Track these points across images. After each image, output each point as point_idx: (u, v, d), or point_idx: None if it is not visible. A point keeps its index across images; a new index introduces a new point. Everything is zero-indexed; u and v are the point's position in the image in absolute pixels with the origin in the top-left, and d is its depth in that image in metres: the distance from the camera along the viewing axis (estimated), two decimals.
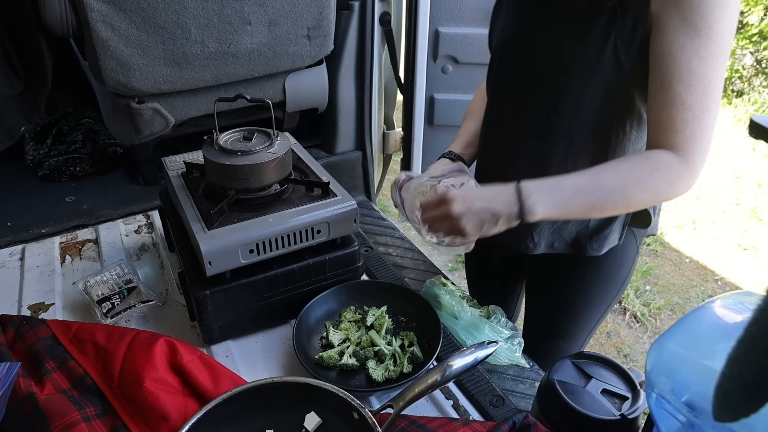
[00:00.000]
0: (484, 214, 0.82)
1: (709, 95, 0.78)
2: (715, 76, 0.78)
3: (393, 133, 2.09)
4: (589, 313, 1.12)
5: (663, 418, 0.65)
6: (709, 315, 0.67)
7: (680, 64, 0.77)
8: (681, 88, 0.78)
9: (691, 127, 0.79)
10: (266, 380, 0.81)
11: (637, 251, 1.08)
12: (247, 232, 0.97)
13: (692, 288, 2.90)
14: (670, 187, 0.82)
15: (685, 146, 0.80)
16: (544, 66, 0.92)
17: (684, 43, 0.77)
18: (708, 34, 0.75)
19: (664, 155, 0.81)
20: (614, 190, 0.82)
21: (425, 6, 1.74)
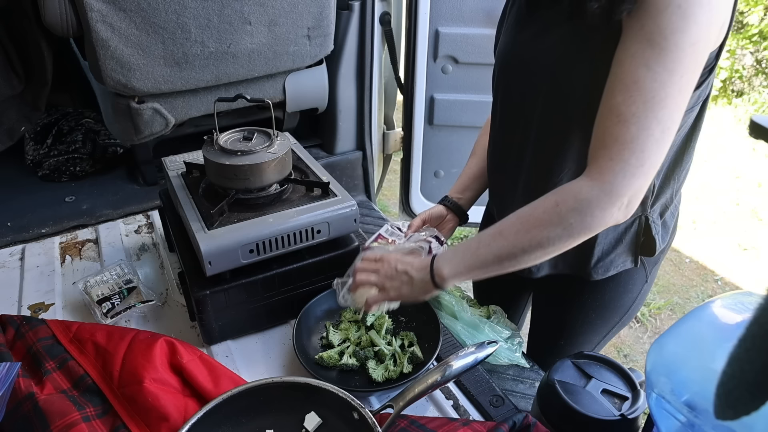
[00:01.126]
0: (402, 276, 0.88)
1: (650, 112, 0.69)
2: (663, 92, 0.68)
3: (393, 133, 2.09)
4: (586, 337, 1.10)
5: (663, 418, 0.65)
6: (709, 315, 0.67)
7: (626, 73, 0.70)
8: (620, 99, 0.71)
9: (619, 144, 0.71)
10: (266, 380, 0.81)
11: (647, 280, 1.03)
12: (247, 232, 0.97)
13: (692, 288, 2.90)
14: (582, 219, 0.74)
15: (605, 167, 0.72)
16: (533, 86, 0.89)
17: (635, 52, 0.69)
18: (663, 45, 0.67)
19: (575, 185, 0.75)
20: (517, 234, 0.77)
21: (425, 6, 1.74)
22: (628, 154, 0.71)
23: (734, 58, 4.82)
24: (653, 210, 0.94)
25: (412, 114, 1.91)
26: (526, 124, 0.93)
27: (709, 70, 0.79)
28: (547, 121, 0.90)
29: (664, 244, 1.00)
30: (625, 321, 1.11)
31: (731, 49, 4.79)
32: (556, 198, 0.76)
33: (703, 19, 0.67)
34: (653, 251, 0.96)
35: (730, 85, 4.88)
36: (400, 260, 0.90)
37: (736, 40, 4.79)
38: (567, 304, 1.09)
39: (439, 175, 1.99)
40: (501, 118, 1.01)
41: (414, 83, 1.86)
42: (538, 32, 0.86)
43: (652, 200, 0.92)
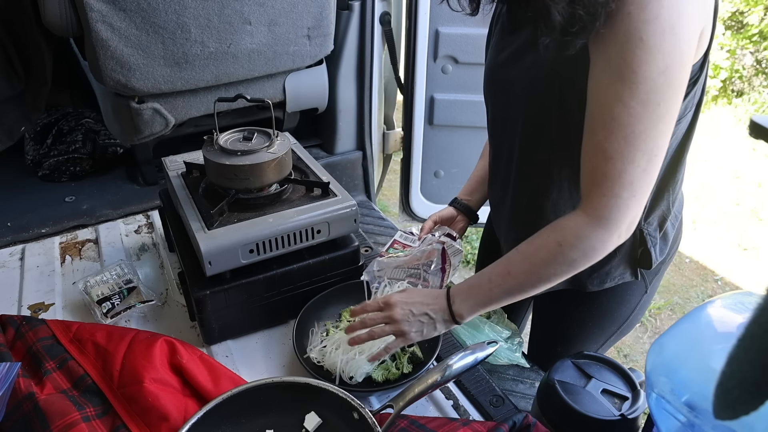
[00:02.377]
0: (422, 318, 0.87)
1: (632, 145, 0.70)
2: (641, 125, 0.69)
3: (393, 133, 2.09)
4: (584, 344, 1.10)
5: (663, 418, 0.65)
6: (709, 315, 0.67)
7: (602, 110, 0.71)
8: (602, 136, 0.72)
9: (609, 181, 0.72)
10: (266, 380, 0.81)
11: (646, 291, 1.02)
12: (247, 232, 0.97)
13: (692, 288, 2.90)
14: (584, 254, 0.77)
15: (599, 203, 0.74)
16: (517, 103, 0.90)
17: (607, 87, 0.70)
18: (632, 79, 0.67)
19: (574, 221, 0.77)
20: (525, 274, 0.81)
21: (425, 6, 1.74)
22: (619, 189, 0.73)
23: (734, 58, 4.82)
24: (648, 223, 0.93)
25: (412, 114, 1.91)
26: (510, 142, 0.95)
27: (695, 81, 0.78)
28: (528, 140, 0.91)
29: (663, 256, 0.98)
30: (624, 331, 1.10)
31: (731, 49, 4.79)
32: (557, 238, 0.78)
33: (667, 47, 0.67)
34: (650, 264, 0.96)
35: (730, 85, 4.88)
36: (411, 303, 0.88)
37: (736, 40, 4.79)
38: (564, 314, 1.09)
39: (439, 175, 1.99)
40: (490, 133, 1.04)
41: (414, 83, 1.86)
42: (515, 53, 0.88)
43: (645, 213, 0.92)
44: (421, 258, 1.10)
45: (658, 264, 0.98)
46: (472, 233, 3.19)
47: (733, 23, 4.90)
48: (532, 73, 0.83)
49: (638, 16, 0.66)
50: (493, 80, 0.96)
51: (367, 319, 0.90)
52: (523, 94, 0.87)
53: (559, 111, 0.82)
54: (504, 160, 0.99)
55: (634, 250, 0.96)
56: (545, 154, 0.89)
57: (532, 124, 0.89)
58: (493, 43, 0.97)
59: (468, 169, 1.23)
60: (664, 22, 0.66)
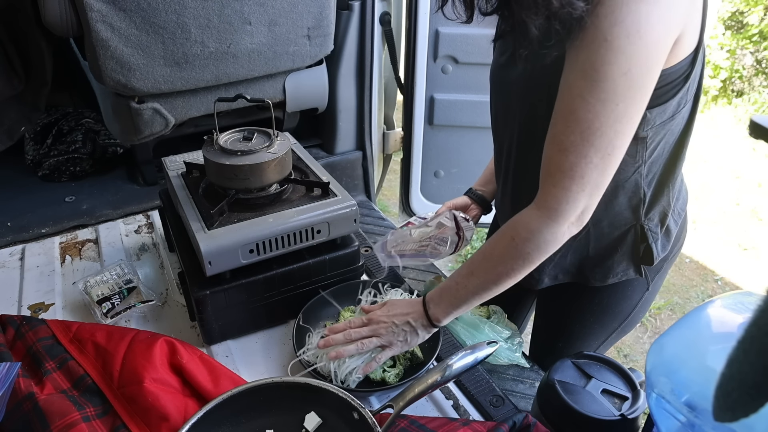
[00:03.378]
0: (405, 327, 0.90)
1: (587, 141, 0.72)
2: (597, 122, 0.71)
3: (393, 133, 2.09)
4: (584, 341, 1.11)
5: (663, 418, 0.65)
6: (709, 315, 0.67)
7: (564, 103, 0.74)
8: (560, 128, 0.75)
9: (560, 173, 0.75)
10: (266, 380, 0.81)
11: (648, 288, 1.03)
12: (247, 232, 0.97)
13: (692, 288, 2.90)
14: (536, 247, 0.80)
15: (549, 195, 0.77)
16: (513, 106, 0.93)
17: (572, 83, 0.73)
18: (593, 77, 0.70)
19: (525, 215, 0.80)
20: (486, 272, 0.84)
21: (425, 6, 1.74)
22: (569, 182, 0.75)
23: (734, 58, 4.82)
24: (649, 218, 0.93)
25: (412, 114, 1.91)
26: (509, 141, 0.97)
27: (686, 76, 0.79)
28: (524, 139, 0.93)
29: (665, 252, 0.98)
30: (626, 328, 1.10)
31: (731, 49, 4.79)
32: (511, 233, 0.82)
33: (631, 50, 0.69)
34: (651, 260, 0.96)
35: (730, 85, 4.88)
36: (393, 315, 0.92)
37: (736, 40, 4.78)
38: (566, 308, 1.10)
39: (439, 175, 1.99)
40: (494, 131, 1.05)
41: (414, 83, 1.86)
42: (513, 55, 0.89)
43: (646, 209, 0.92)
44: (434, 233, 1.11)
45: (661, 261, 0.99)
46: None
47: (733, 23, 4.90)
48: (525, 75, 0.86)
49: (605, 19, 0.68)
50: (495, 81, 0.99)
51: (353, 334, 0.92)
52: (519, 95, 0.90)
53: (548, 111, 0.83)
54: (504, 157, 1.01)
55: (636, 246, 0.96)
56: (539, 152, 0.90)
57: (527, 124, 0.91)
58: (497, 44, 0.98)
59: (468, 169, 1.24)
60: (630, 26, 0.67)
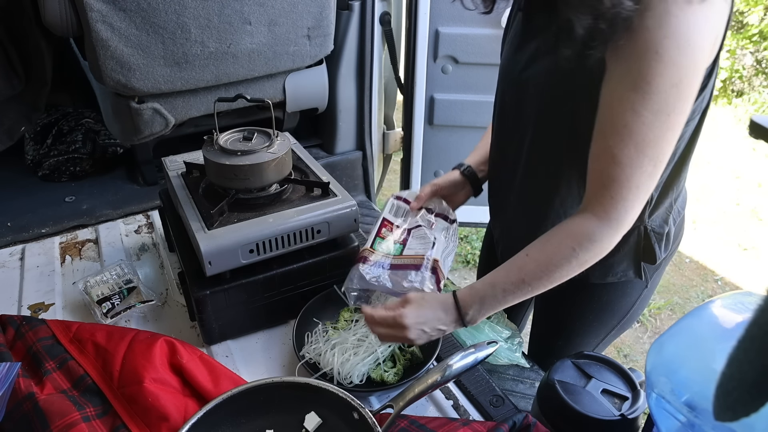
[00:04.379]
0: (434, 333, 0.87)
1: (642, 153, 0.74)
2: (651, 134, 0.73)
3: (393, 133, 2.09)
4: (583, 338, 1.11)
5: (663, 418, 0.65)
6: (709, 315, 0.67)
7: (615, 117, 0.74)
8: (613, 142, 0.75)
9: (617, 184, 0.76)
10: (266, 380, 0.81)
11: (647, 285, 1.03)
12: (247, 232, 0.97)
13: (692, 288, 2.90)
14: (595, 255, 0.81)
15: (608, 205, 0.78)
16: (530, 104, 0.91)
17: (622, 96, 0.73)
18: (646, 89, 0.71)
19: (585, 225, 0.80)
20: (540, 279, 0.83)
21: (425, 6, 1.74)
22: (626, 192, 0.77)
23: (734, 58, 4.81)
24: (652, 219, 0.94)
25: (412, 114, 1.91)
26: (519, 143, 0.96)
27: (704, 86, 0.79)
28: (539, 141, 0.92)
29: (667, 252, 0.99)
30: (624, 326, 1.11)
31: (731, 49, 4.79)
32: (572, 244, 0.81)
33: (681, 61, 0.69)
34: (654, 260, 0.98)
35: (730, 85, 4.88)
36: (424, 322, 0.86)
37: (736, 40, 4.78)
38: (566, 306, 1.10)
39: (439, 175, 1.98)
40: (498, 133, 1.03)
41: (414, 83, 1.87)
42: (533, 55, 0.89)
43: (650, 211, 0.93)
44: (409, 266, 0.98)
45: (660, 260, 0.99)
46: (472, 233, 3.19)
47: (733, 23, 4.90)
48: (549, 76, 0.85)
49: (656, 31, 0.68)
50: (509, 80, 0.96)
51: (378, 332, 0.88)
52: (538, 96, 0.89)
53: (572, 115, 0.84)
54: (511, 160, 0.99)
55: (638, 247, 0.97)
56: (556, 155, 0.91)
57: (545, 126, 0.90)
58: (509, 41, 0.97)
59: None
60: (680, 37, 0.68)
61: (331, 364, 0.92)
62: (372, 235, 1.04)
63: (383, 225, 1.06)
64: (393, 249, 1.01)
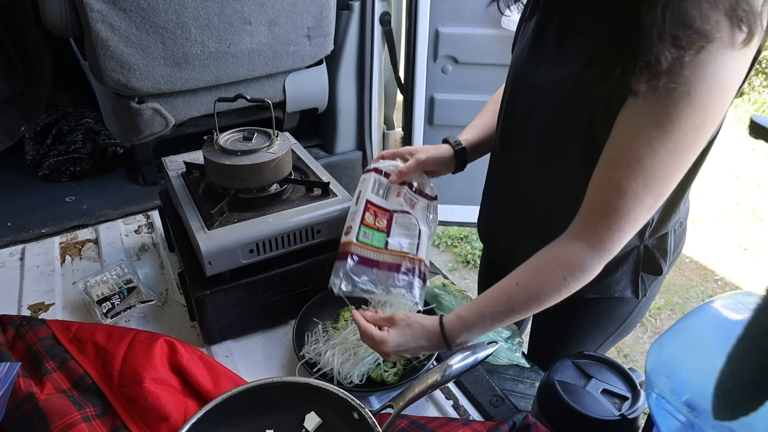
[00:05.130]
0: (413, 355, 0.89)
1: (649, 188, 0.73)
2: (662, 170, 0.72)
3: (393, 133, 2.10)
4: (581, 345, 1.11)
5: (663, 418, 0.65)
6: (709, 315, 0.67)
7: (629, 150, 0.73)
8: (622, 174, 0.74)
9: (618, 216, 0.75)
10: (266, 380, 0.81)
11: (646, 293, 1.02)
12: (247, 232, 0.97)
13: (692, 288, 2.90)
14: (583, 282, 0.81)
15: (604, 235, 0.77)
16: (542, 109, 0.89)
17: (640, 130, 0.71)
18: (668, 128, 0.69)
19: (578, 255, 0.79)
20: (529, 307, 0.83)
21: (425, 6, 1.74)
22: (624, 224, 0.76)
23: None
24: (654, 238, 0.95)
25: (412, 114, 1.91)
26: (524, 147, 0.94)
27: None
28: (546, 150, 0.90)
29: (669, 261, 0.99)
30: (623, 333, 1.10)
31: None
32: (563, 273, 0.80)
33: (710, 104, 0.68)
34: (660, 270, 0.98)
35: None
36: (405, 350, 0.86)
37: None
38: (563, 314, 1.08)
39: None
40: (501, 134, 1.01)
41: (414, 83, 1.87)
42: (551, 59, 0.86)
43: (651, 231, 0.93)
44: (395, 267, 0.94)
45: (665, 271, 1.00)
46: (473, 233, 3.19)
47: None
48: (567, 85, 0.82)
49: (692, 72, 0.66)
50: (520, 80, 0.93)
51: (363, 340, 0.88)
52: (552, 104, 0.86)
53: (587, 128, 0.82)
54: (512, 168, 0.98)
55: (636, 266, 0.97)
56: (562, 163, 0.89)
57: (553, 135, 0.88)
58: (524, 37, 0.94)
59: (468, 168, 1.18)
60: (714, 82, 0.67)
61: (331, 364, 0.92)
62: (356, 223, 0.95)
63: (367, 209, 0.97)
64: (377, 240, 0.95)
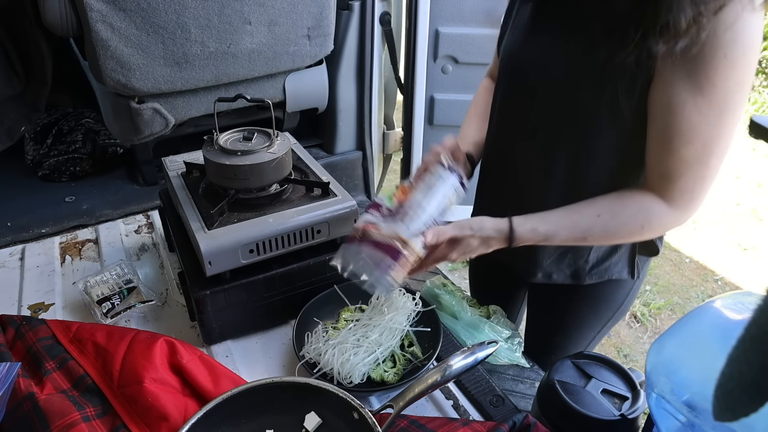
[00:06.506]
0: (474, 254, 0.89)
1: (708, 150, 0.78)
2: (716, 131, 0.77)
3: (393, 133, 2.10)
4: (580, 332, 1.13)
5: (663, 418, 0.65)
6: (709, 315, 0.67)
7: (680, 120, 0.77)
8: (679, 144, 0.78)
9: (685, 179, 0.80)
10: (266, 380, 0.81)
11: (639, 276, 1.06)
12: (247, 232, 0.97)
13: (692, 288, 2.90)
14: (655, 235, 0.86)
15: (678, 197, 0.82)
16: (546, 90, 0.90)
17: (686, 100, 0.75)
18: (711, 92, 0.74)
19: (656, 207, 0.83)
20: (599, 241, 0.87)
21: (425, 6, 1.74)
22: (693, 185, 0.82)
23: None
24: None
25: (412, 114, 1.92)
26: (527, 131, 0.95)
27: None
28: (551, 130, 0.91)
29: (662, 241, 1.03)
30: (618, 316, 1.13)
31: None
32: (642, 221, 0.85)
33: (744, 61, 0.73)
34: (657, 250, 1.02)
35: None
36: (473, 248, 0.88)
37: None
38: (561, 302, 1.12)
39: None
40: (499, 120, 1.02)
41: (414, 83, 1.87)
42: (550, 40, 0.88)
43: None
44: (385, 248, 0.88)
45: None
46: None
47: None
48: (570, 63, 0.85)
49: (725, 33, 0.71)
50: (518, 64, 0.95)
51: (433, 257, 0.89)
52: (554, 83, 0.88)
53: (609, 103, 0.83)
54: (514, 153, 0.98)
55: (633, 248, 1.00)
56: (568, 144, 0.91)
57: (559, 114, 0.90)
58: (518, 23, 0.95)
59: None
60: (746, 40, 0.72)
61: (331, 364, 0.92)
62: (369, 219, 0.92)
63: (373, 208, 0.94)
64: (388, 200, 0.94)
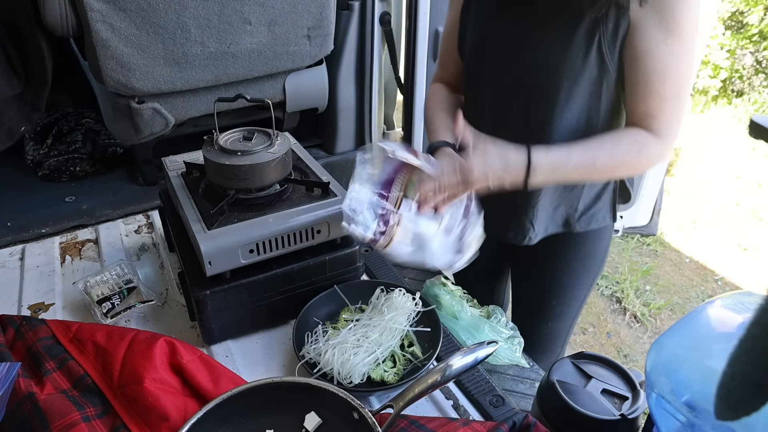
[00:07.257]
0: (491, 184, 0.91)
1: (680, 85, 0.89)
2: (684, 67, 0.88)
3: (393, 133, 2.10)
4: (574, 291, 1.20)
5: (663, 418, 0.65)
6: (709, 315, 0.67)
7: (657, 61, 0.87)
8: (658, 83, 0.88)
9: (665, 113, 0.91)
10: (266, 380, 0.81)
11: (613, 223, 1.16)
12: (247, 232, 0.97)
13: (692, 288, 2.90)
14: (649, 164, 0.95)
15: (662, 129, 0.92)
16: (530, 71, 0.97)
17: (659, 43, 0.86)
18: (679, 32, 0.85)
19: (646, 137, 0.92)
20: (606, 169, 0.96)
21: (425, 6, 1.74)
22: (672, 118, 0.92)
23: (734, 58, 4.81)
24: None
25: (412, 114, 1.91)
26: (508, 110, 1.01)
27: None
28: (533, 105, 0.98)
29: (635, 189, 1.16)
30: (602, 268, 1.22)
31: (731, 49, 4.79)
32: (638, 147, 0.93)
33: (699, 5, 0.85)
34: (629, 196, 1.13)
35: (730, 85, 4.88)
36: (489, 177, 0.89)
37: (736, 39, 4.78)
38: (553, 262, 1.18)
39: None
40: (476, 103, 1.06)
41: (414, 83, 1.87)
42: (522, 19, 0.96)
43: None
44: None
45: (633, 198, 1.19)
46: None
47: (733, 23, 4.90)
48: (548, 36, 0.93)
49: None
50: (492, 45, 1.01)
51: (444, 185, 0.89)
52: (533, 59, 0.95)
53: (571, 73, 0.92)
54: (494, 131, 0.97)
55: (614, 193, 1.11)
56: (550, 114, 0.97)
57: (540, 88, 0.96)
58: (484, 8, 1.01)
59: None
60: None
61: (331, 364, 0.92)
62: None
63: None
64: None
